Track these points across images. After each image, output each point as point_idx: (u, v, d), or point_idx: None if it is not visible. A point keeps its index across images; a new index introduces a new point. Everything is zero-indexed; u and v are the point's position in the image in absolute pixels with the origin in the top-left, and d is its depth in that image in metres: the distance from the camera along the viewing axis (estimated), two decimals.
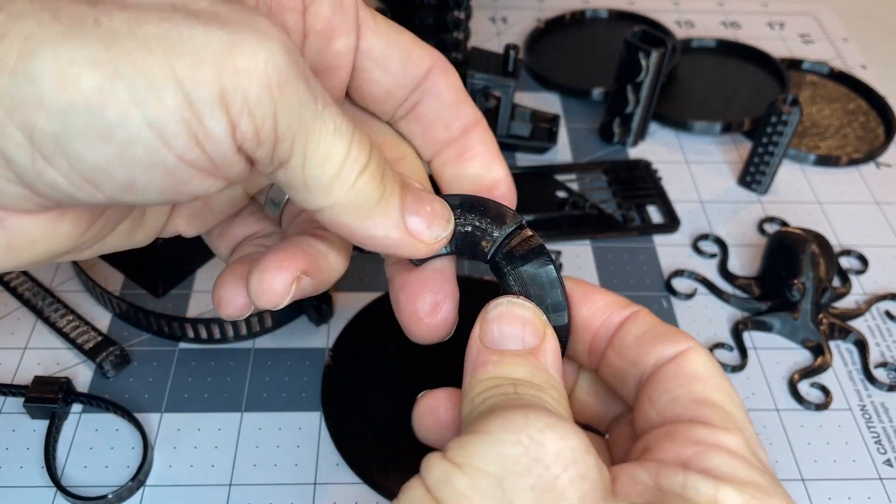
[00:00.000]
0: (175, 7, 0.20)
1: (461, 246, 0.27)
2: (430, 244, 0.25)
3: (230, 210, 0.31)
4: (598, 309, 0.26)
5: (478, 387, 0.24)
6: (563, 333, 0.27)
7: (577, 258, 0.50)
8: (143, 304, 0.44)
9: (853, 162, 0.58)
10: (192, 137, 0.20)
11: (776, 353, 0.45)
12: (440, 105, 0.29)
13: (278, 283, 0.25)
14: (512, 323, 0.25)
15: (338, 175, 0.22)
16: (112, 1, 0.19)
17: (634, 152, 0.58)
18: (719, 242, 0.51)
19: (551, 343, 0.25)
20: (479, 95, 0.55)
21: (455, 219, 0.26)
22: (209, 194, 0.22)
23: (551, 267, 0.26)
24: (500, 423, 0.21)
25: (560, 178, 0.55)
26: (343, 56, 0.27)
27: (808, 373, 0.44)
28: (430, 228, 0.25)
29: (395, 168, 0.25)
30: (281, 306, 0.25)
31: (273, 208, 0.29)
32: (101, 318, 0.45)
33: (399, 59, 0.28)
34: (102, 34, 0.18)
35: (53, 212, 0.22)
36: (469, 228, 0.26)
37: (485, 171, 0.29)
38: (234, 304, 0.27)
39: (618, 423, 0.28)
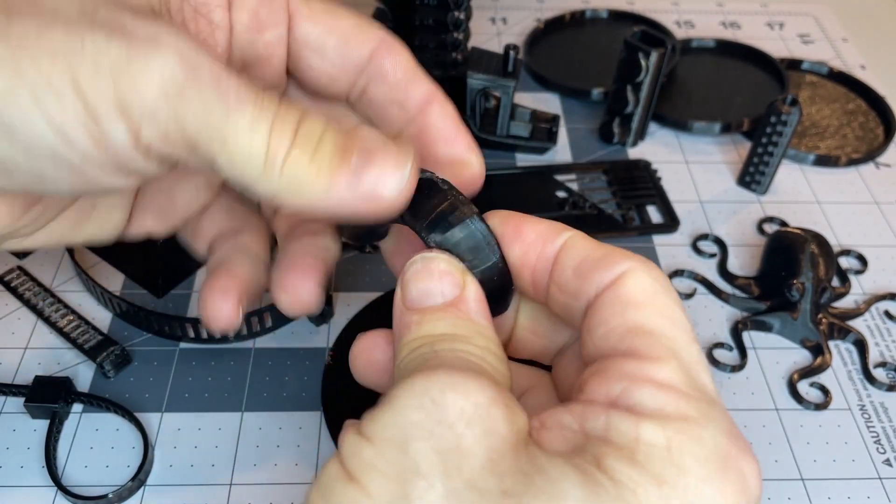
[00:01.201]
0: (84, 13, 0.21)
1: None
2: (390, 199, 0.23)
3: (196, 205, 0.31)
4: (530, 243, 0.25)
5: (403, 350, 0.23)
6: (500, 275, 0.25)
7: None
8: (144, 304, 0.44)
9: (852, 162, 0.58)
10: (93, 141, 0.21)
11: (776, 352, 0.45)
12: (387, 88, 0.28)
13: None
14: (429, 279, 0.24)
15: (263, 168, 0.22)
16: (27, 5, 0.20)
17: (634, 152, 0.58)
18: (719, 242, 0.51)
19: (472, 289, 0.24)
20: (478, 96, 0.55)
21: None
22: (127, 188, 0.24)
23: (465, 212, 0.24)
24: (405, 390, 0.20)
25: (560, 178, 0.55)
26: (275, 46, 0.27)
27: (807, 372, 0.44)
28: (385, 185, 0.23)
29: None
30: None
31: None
32: (102, 318, 0.45)
33: (336, 45, 0.27)
34: (11, 37, 0.20)
35: None
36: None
37: (448, 147, 0.28)
38: (219, 317, 0.28)
39: (562, 354, 0.27)
